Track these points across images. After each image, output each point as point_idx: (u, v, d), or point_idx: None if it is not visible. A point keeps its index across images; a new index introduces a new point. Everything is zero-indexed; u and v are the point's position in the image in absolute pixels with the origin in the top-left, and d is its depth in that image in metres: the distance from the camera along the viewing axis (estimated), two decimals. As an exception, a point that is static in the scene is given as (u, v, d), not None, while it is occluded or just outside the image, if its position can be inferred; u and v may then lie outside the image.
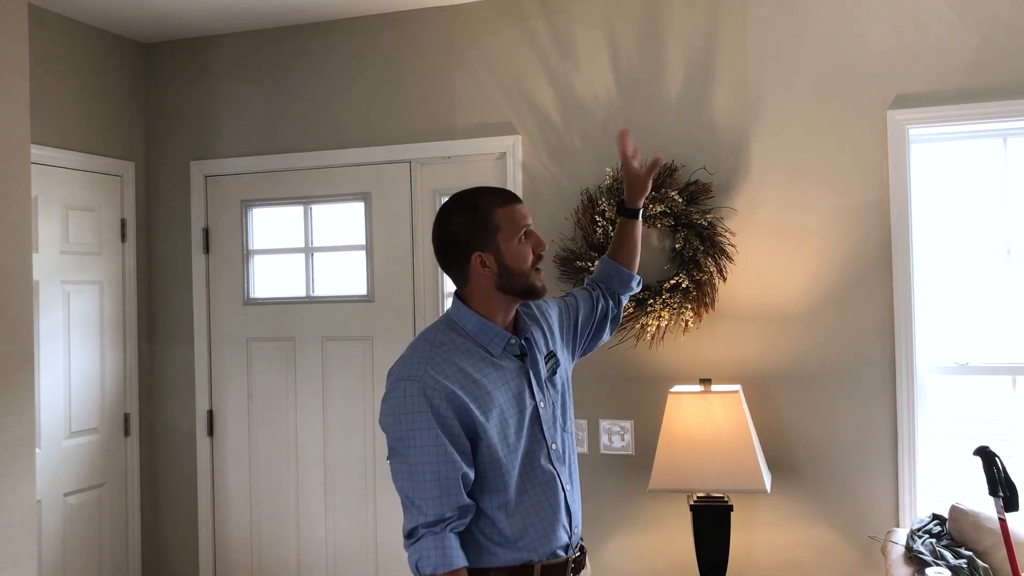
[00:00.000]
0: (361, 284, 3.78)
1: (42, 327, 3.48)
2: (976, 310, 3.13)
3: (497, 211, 1.89)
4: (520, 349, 1.95)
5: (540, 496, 1.89)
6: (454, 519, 1.78)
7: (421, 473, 1.77)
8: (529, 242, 1.92)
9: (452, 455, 1.78)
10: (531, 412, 1.90)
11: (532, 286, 1.92)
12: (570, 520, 1.94)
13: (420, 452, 1.77)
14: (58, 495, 3.56)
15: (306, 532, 3.83)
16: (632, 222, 2.35)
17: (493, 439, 1.82)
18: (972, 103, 3.01)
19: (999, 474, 2.24)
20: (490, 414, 1.82)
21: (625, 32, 3.39)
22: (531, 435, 1.90)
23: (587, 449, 3.41)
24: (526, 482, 1.87)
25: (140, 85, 4.04)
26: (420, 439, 1.78)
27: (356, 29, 3.75)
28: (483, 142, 3.55)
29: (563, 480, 1.93)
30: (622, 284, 2.35)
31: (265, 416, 3.89)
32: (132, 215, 3.95)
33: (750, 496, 3.18)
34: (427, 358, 1.83)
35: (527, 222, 1.92)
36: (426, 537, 1.77)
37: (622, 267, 2.34)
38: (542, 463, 1.90)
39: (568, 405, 2.05)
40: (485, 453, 1.83)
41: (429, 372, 1.80)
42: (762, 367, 3.22)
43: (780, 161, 3.22)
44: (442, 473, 1.77)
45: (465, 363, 1.84)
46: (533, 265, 1.92)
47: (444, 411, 1.78)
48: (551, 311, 2.16)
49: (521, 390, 1.90)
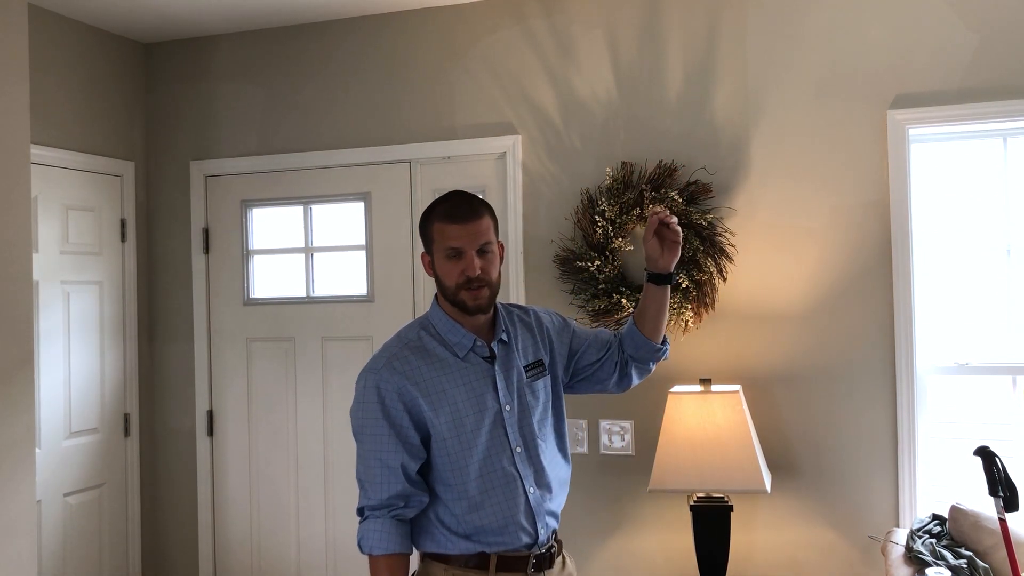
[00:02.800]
0: (361, 284, 3.78)
1: (42, 327, 3.48)
2: (976, 310, 3.13)
3: (435, 224, 1.97)
4: (489, 351, 2.00)
5: (499, 496, 1.95)
6: (399, 506, 1.92)
7: (369, 459, 1.94)
8: (457, 263, 1.94)
9: (396, 445, 1.92)
10: (494, 414, 1.97)
11: (460, 303, 1.96)
12: (534, 522, 1.98)
13: (370, 440, 1.94)
14: (58, 495, 3.56)
15: (306, 532, 3.83)
16: (659, 288, 2.15)
17: (443, 434, 1.93)
18: (972, 103, 3.01)
19: (999, 474, 2.24)
20: (441, 410, 1.93)
21: (625, 32, 3.39)
22: (493, 435, 1.96)
23: (587, 449, 3.41)
24: (486, 480, 1.94)
25: (140, 85, 4.04)
26: (371, 428, 1.94)
27: (356, 29, 3.75)
28: (483, 142, 3.55)
29: (526, 483, 1.98)
30: (639, 350, 2.20)
31: (265, 416, 3.89)
32: (132, 215, 3.95)
33: (750, 496, 3.17)
34: (391, 354, 1.98)
35: (456, 244, 1.93)
36: (370, 519, 1.93)
37: (644, 336, 2.18)
38: (503, 464, 1.96)
39: (549, 415, 2.09)
40: (437, 446, 1.94)
41: (387, 367, 1.95)
42: (762, 367, 3.22)
43: (780, 161, 3.22)
44: (385, 461, 1.91)
45: (425, 361, 1.96)
46: (459, 285, 1.94)
47: (392, 404, 1.93)
48: (555, 324, 2.19)
49: (483, 391, 1.97)
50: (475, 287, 1.94)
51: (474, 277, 1.93)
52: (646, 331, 2.17)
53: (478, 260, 1.94)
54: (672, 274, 2.13)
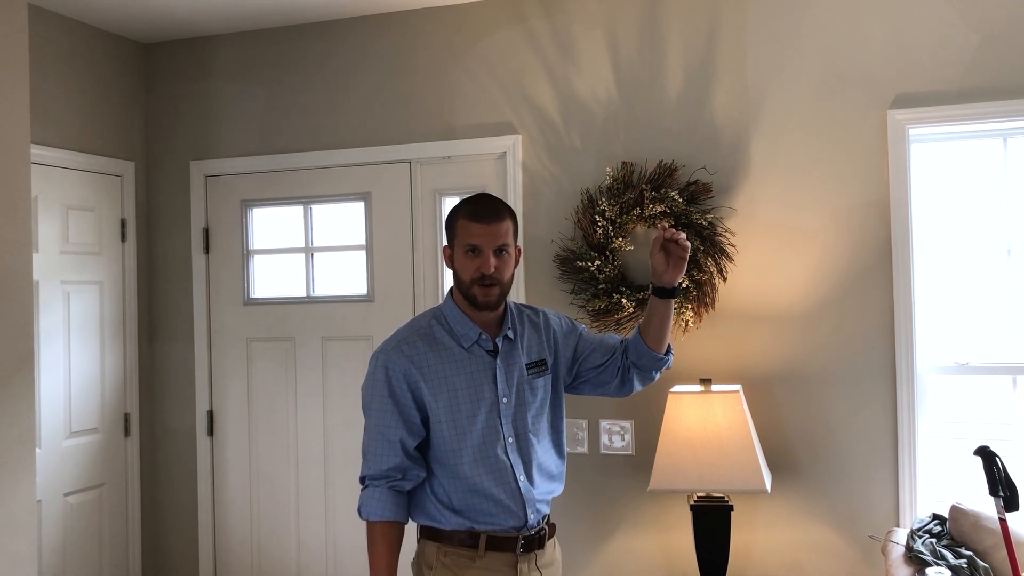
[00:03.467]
0: (361, 284, 3.78)
1: (42, 327, 3.48)
2: (976, 310, 3.13)
3: (460, 220, 2.11)
4: (493, 345, 2.15)
5: (490, 480, 2.09)
6: (397, 478, 2.08)
7: (372, 431, 2.11)
8: (474, 259, 2.08)
9: (397, 421, 2.08)
10: (490, 403, 2.12)
11: (472, 297, 2.11)
12: (524, 507, 2.12)
13: (375, 414, 2.10)
14: (58, 495, 3.56)
15: (306, 532, 3.83)
16: (663, 301, 2.22)
17: (440, 417, 2.09)
18: (972, 103, 3.00)
19: (999, 474, 2.24)
20: (440, 395, 2.09)
21: (625, 32, 3.39)
22: (488, 424, 2.11)
23: (587, 449, 3.41)
24: (479, 464, 2.09)
25: (140, 85, 4.04)
26: (377, 403, 2.10)
27: (356, 29, 3.75)
28: (483, 142, 3.55)
29: (516, 471, 2.12)
30: (642, 359, 2.28)
31: (265, 416, 3.89)
32: (132, 215, 3.95)
33: (750, 496, 3.17)
34: (401, 339, 2.14)
35: (476, 242, 2.07)
36: (370, 488, 2.09)
37: (648, 347, 2.27)
38: (497, 452, 2.11)
39: (546, 411, 2.22)
40: (435, 428, 2.10)
41: (396, 350, 2.11)
42: (762, 367, 3.22)
43: (780, 161, 3.22)
44: (386, 435, 2.08)
45: (432, 348, 2.11)
46: (473, 280, 2.08)
47: (398, 384, 2.08)
48: (562, 327, 2.31)
49: (482, 382, 2.12)
50: (488, 284, 2.07)
51: (488, 275, 2.06)
52: (650, 341, 2.26)
53: (494, 260, 2.07)
54: (676, 288, 2.21)
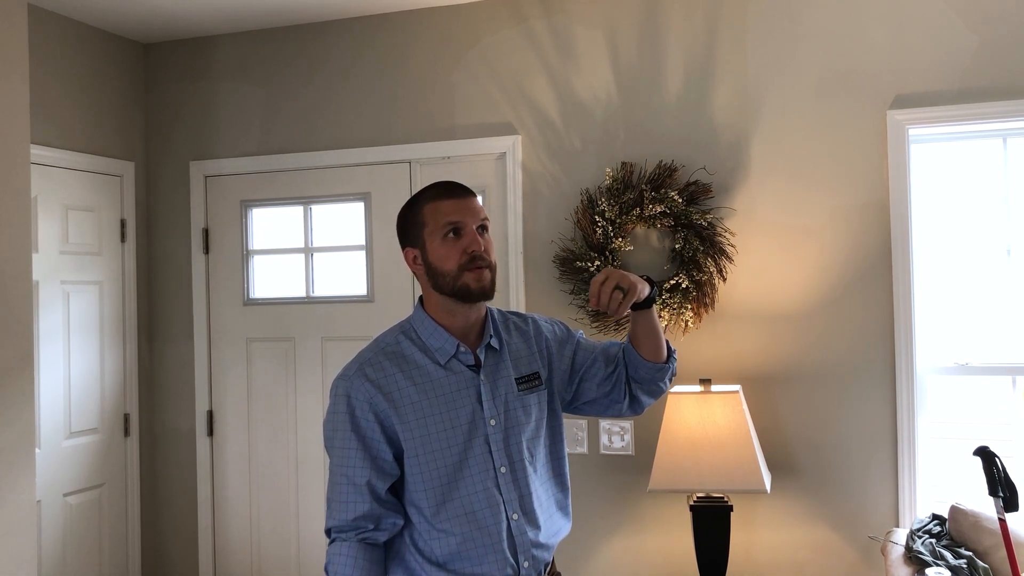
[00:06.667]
0: (361, 284, 3.78)
1: (42, 327, 3.48)
2: (976, 310, 3.13)
3: (425, 207, 1.77)
4: (475, 359, 1.81)
5: (476, 521, 1.74)
6: (368, 529, 1.73)
7: (336, 475, 1.75)
8: (457, 241, 1.74)
9: (363, 461, 1.72)
10: (476, 429, 1.77)
11: (463, 287, 1.74)
12: (516, 552, 1.77)
13: (338, 453, 1.75)
14: (58, 495, 3.56)
15: (306, 532, 3.83)
16: (640, 313, 1.89)
17: (416, 451, 1.73)
18: (972, 103, 3.01)
19: (999, 474, 2.24)
20: (414, 425, 1.73)
21: (625, 32, 3.39)
22: (473, 453, 1.76)
23: (587, 449, 3.41)
24: (464, 503, 1.74)
25: (140, 85, 4.04)
26: (340, 440, 1.75)
27: (356, 29, 3.75)
28: (483, 142, 3.55)
29: (508, 508, 1.77)
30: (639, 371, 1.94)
31: (265, 416, 3.89)
32: (132, 215, 3.95)
33: (750, 496, 3.17)
34: (364, 361, 1.78)
35: (456, 218, 1.74)
36: (337, 542, 1.73)
37: (643, 358, 1.93)
38: (487, 485, 1.75)
39: (542, 434, 1.87)
40: (409, 464, 1.75)
41: (359, 375, 1.76)
42: (762, 367, 3.22)
43: (780, 161, 3.22)
44: (351, 477, 1.72)
45: (401, 369, 1.76)
46: (462, 266, 1.73)
47: (363, 415, 1.73)
48: (556, 335, 1.97)
49: (464, 403, 1.77)
50: (480, 265, 1.73)
51: (479, 254, 1.73)
52: (645, 353, 1.92)
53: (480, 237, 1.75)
54: (651, 297, 1.86)
